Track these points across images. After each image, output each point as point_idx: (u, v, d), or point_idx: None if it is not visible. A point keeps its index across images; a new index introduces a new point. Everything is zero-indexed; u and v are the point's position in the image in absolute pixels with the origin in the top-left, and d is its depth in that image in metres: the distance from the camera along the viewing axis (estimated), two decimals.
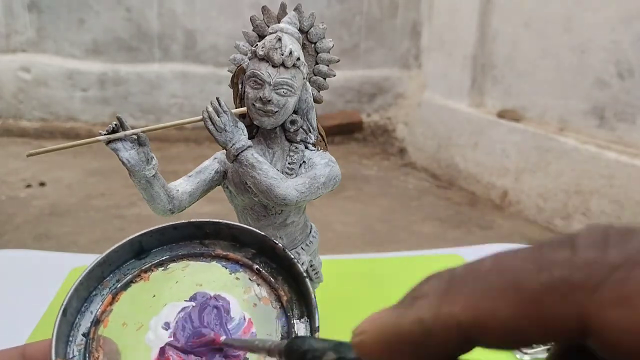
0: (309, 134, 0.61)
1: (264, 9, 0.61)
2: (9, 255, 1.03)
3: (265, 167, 0.57)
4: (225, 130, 0.57)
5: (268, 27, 0.60)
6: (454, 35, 2.78)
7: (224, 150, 0.59)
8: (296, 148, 0.61)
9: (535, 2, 2.35)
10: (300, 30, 0.60)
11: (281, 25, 0.59)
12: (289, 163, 0.60)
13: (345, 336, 0.19)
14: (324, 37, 0.62)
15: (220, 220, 0.36)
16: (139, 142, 0.57)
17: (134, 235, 0.35)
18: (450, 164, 2.78)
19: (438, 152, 2.87)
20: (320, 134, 0.63)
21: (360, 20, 3.32)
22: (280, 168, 0.60)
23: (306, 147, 0.61)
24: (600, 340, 0.14)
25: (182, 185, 0.61)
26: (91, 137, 0.57)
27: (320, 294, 0.69)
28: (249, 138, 0.59)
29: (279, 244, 0.34)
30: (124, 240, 0.35)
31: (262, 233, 0.35)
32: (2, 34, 3.18)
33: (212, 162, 0.63)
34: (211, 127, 0.57)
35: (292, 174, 0.59)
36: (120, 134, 0.56)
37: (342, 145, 3.20)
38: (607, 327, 0.13)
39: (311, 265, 0.66)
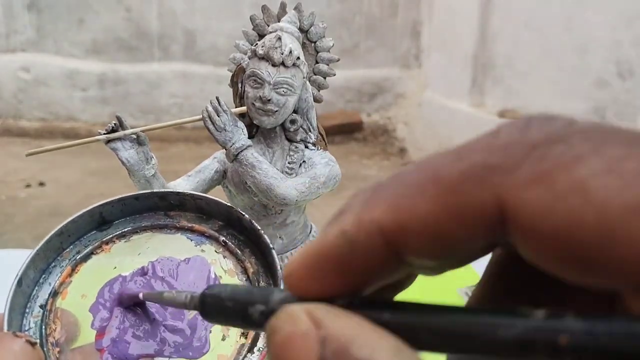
0: (309, 133, 0.61)
1: (264, 8, 0.61)
2: (9, 255, 1.03)
3: (265, 166, 0.57)
4: (225, 130, 0.57)
5: (268, 26, 0.60)
6: (454, 35, 2.78)
7: (224, 150, 0.58)
8: (296, 147, 0.60)
9: (535, 2, 2.34)
10: (300, 29, 0.60)
11: (281, 24, 0.59)
12: (288, 162, 0.60)
13: None
14: (324, 37, 0.61)
15: (185, 191, 0.36)
16: (138, 141, 0.57)
17: (93, 205, 0.34)
18: None
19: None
20: (320, 133, 0.63)
21: (360, 20, 3.31)
22: (280, 167, 0.60)
23: (306, 147, 0.61)
24: (516, 227, 0.12)
25: (181, 185, 0.61)
26: (91, 136, 0.57)
27: None
28: (249, 137, 0.59)
29: (246, 215, 0.34)
30: (83, 210, 0.34)
31: (228, 204, 0.35)
32: (2, 33, 3.18)
33: (212, 162, 0.63)
34: (211, 126, 0.57)
35: (292, 174, 0.59)
36: (120, 133, 0.56)
37: (342, 145, 3.20)
38: (523, 208, 0.12)
39: None
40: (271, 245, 0.32)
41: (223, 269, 0.34)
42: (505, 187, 0.12)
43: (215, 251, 0.34)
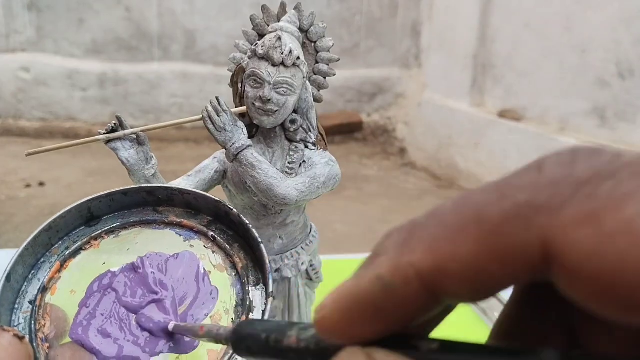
0: (309, 133, 0.61)
1: (264, 8, 0.61)
2: (9, 255, 1.03)
3: (265, 166, 0.57)
4: (225, 130, 0.57)
5: (268, 26, 0.60)
6: (454, 35, 2.78)
7: (224, 150, 0.58)
8: (296, 147, 0.60)
9: (535, 2, 2.34)
10: (300, 29, 0.60)
11: (281, 24, 0.59)
12: (288, 162, 0.60)
13: None
14: (324, 36, 0.61)
15: (173, 186, 0.36)
16: (138, 141, 0.57)
17: (81, 201, 0.34)
18: (450, 164, 2.78)
19: (438, 152, 2.87)
20: (320, 133, 0.63)
21: (360, 20, 3.31)
22: (280, 167, 0.60)
23: (306, 147, 0.61)
24: (562, 269, 0.12)
25: (181, 185, 0.61)
26: (91, 136, 0.57)
27: (320, 294, 0.69)
28: (249, 137, 0.59)
29: (234, 210, 0.34)
30: (71, 206, 0.34)
31: (216, 198, 0.35)
32: (2, 33, 3.17)
33: (212, 162, 0.63)
34: (211, 126, 0.57)
35: (292, 174, 0.59)
36: (120, 133, 0.56)
37: (342, 145, 3.20)
38: (569, 248, 0.11)
39: (311, 265, 0.66)
40: (259, 240, 0.32)
41: (212, 264, 0.34)
42: (551, 227, 0.12)
43: (204, 246, 0.34)
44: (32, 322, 0.31)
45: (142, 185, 0.36)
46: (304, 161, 0.60)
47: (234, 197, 0.63)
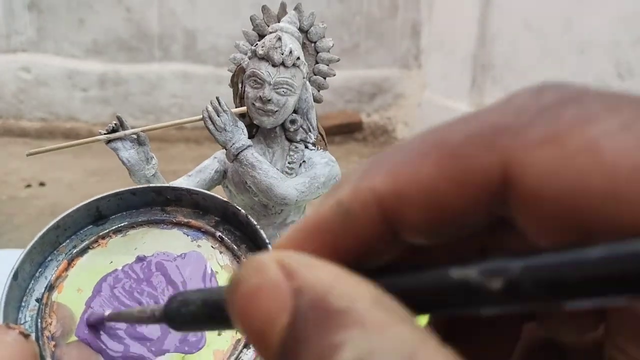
0: (309, 133, 0.61)
1: (264, 8, 0.61)
2: (9, 255, 1.03)
3: (265, 166, 0.57)
4: (225, 130, 0.57)
5: (268, 26, 0.60)
6: (454, 35, 2.78)
7: (224, 150, 0.59)
8: (296, 147, 0.61)
9: (535, 2, 2.35)
10: (300, 29, 0.60)
11: (281, 24, 0.59)
12: (288, 162, 0.60)
13: None
14: (323, 37, 0.62)
15: (181, 186, 0.36)
16: (138, 141, 0.57)
17: (89, 200, 0.34)
18: None
19: None
20: (320, 133, 0.63)
21: (360, 20, 3.31)
22: (280, 167, 0.60)
23: (306, 147, 0.61)
24: (520, 192, 0.11)
25: (182, 185, 0.61)
26: (91, 137, 0.57)
27: None
28: (249, 137, 0.59)
29: (242, 211, 0.34)
30: (79, 205, 0.34)
31: (224, 199, 0.35)
32: (2, 34, 3.18)
33: (212, 162, 0.63)
34: (211, 126, 0.57)
35: (292, 174, 0.59)
36: (120, 133, 0.56)
37: (342, 145, 3.20)
38: (529, 169, 0.11)
39: None
40: (267, 241, 0.32)
41: (219, 265, 0.34)
42: (512, 148, 0.12)
43: (212, 247, 0.34)
44: (39, 320, 0.31)
45: (151, 185, 0.36)
46: (304, 161, 0.60)
47: (234, 197, 0.63)
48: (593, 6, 2.08)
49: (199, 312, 0.15)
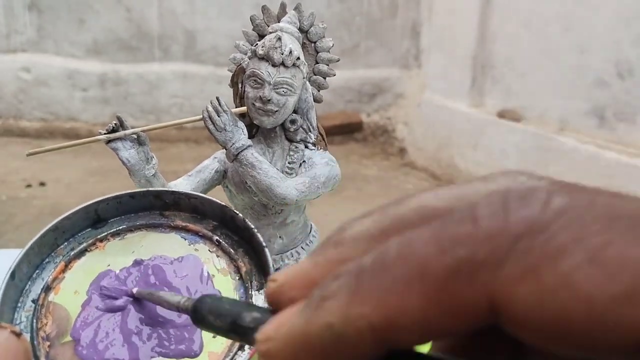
0: (309, 133, 0.61)
1: (264, 8, 0.61)
2: (9, 255, 1.03)
3: (265, 166, 0.57)
4: (225, 130, 0.57)
5: (268, 26, 0.60)
6: (454, 35, 2.78)
7: (224, 150, 0.59)
8: (296, 147, 0.61)
9: (535, 2, 2.35)
10: (300, 29, 0.60)
11: (281, 24, 0.59)
12: (288, 162, 0.60)
13: None
14: (323, 37, 0.62)
15: (179, 190, 0.36)
16: (138, 141, 0.57)
17: (88, 202, 0.34)
18: (450, 164, 2.78)
19: (438, 152, 2.87)
20: (320, 133, 0.63)
21: (360, 20, 3.32)
22: (280, 167, 0.60)
23: (306, 147, 0.61)
24: (510, 321, 0.13)
25: (182, 185, 0.61)
26: (91, 137, 0.57)
27: None
28: (249, 137, 0.59)
29: (239, 215, 0.34)
30: (78, 207, 0.34)
31: (222, 203, 0.35)
32: (2, 34, 3.18)
33: (212, 162, 0.63)
34: (211, 126, 0.57)
35: (292, 174, 0.59)
36: (120, 133, 0.56)
37: (342, 145, 3.20)
38: (514, 305, 0.12)
39: None
40: (264, 244, 0.32)
41: (216, 268, 0.34)
42: (494, 284, 0.13)
43: (209, 250, 0.35)
44: (34, 321, 0.31)
45: (150, 189, 0.36)
46: (304, 161, 0.60)
47: (234, 197, 0.63)
48: (593, 6, 2.08)
49: (224, 328, 0.17)
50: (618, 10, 1.99)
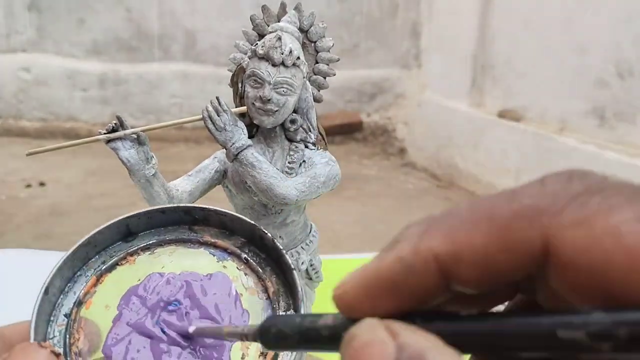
0: (309, 133, 0.61)
1: (264, 8, 0.61)
2: (9, 255, 1.03)
3: (265, 166, 0.57)
4: (225, 130, 0.57)
5: (268, 26, 0.60)
6: (454, 35, 2.78)
7: (224, 150, 0.59)
8: (296, 147, 0.61)
9: (535, 2, 2.34)
10: (300, 29, 0.60)
11: (281, 24, 0.59)
12: (288, 162, 0.60)
13: None
14: (323, 36, 0.62)
15: (209, 207, 0.36)
16: (138, 141, 0.57)
17: (120, 217, 0.34)
18: (450, 164, 2.78)
19: (438, 152, 2.87)
20: (320, 133, 0.63)
21: (360, 20, 3.32)
22: (280, 167, 0.60)
23: (306, 147, 0.61)
24: (558, 262, 0.15)
25: (181, 185, 0.61)
26: (91, 136, 0.57)
27: (320, 294, 0.69)
28: (249, 137, 0.59)
29: (268, 234, 0.34)
30: (110, 222, 0.34)
31: (252, 222, 0.35)
32: (2, 34, 3.18)
33: (212, 161, 0.63)
34: (211, 126, 0.57)
35: (292, 173, 0.59)
36: (120, 133, 0.56)
37: (342, 145, 3.20)
38: (565, 245, 0.14)
39: (311, 265, 0.66)
40: (292, 266, 0.32)
41: (244, 287, 0.34)
42: (551, 227, 0.15)
43: (237, 268, 0.34)
44: (67, 336, 0.31)
45: (180, 205, 0.36)
46: (304, 161, 0.60)
47: (234, 196, 0.63)
48: (593, 6, 2.08)
49: (294, 344, 0.19)
50: (618, 10, 1.99)
